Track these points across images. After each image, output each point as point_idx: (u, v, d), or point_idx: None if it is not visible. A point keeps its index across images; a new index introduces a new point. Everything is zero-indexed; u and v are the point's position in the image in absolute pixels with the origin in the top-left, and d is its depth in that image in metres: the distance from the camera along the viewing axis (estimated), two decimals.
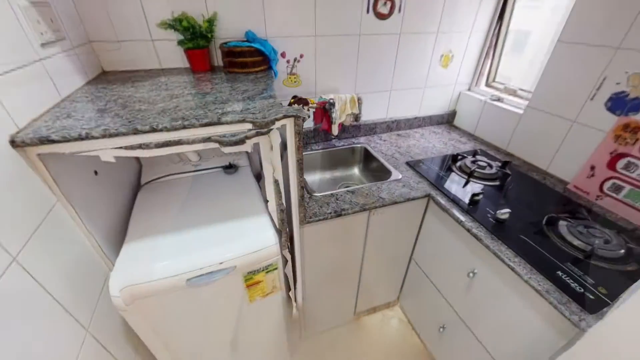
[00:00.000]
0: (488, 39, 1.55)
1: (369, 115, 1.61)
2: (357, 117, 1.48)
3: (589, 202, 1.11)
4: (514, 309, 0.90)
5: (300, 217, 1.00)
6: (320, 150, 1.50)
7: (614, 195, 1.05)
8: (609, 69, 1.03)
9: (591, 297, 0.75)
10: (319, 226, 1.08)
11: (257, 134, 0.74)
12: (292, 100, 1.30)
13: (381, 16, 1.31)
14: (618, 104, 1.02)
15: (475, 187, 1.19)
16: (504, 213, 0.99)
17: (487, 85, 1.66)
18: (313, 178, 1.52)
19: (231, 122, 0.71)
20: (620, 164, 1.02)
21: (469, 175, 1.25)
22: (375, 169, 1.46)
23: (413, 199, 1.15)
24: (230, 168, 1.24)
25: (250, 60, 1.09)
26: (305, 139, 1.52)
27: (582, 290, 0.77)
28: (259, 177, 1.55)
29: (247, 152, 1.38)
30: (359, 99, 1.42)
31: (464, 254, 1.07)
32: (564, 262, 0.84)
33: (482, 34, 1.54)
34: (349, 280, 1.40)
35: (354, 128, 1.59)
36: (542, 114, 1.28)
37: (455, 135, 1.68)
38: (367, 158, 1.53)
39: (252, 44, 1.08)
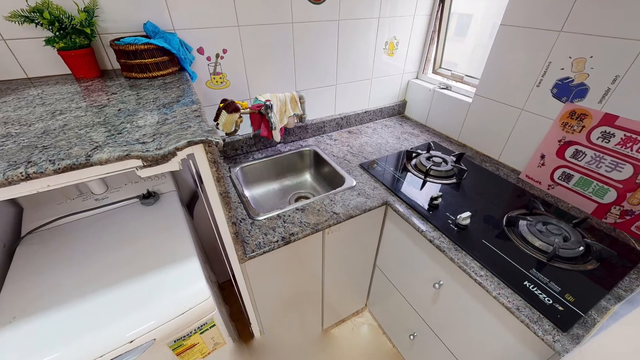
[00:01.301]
0: (431, 23, 1.46)
1: (315, 114, 1.44)
2: (301, 118, 1.30)
3: (542, 192, 1.10)
4: (485, 324, 0.83)
5: (238, 255, 0.82)
6: (265, 159, 1.31)
7: (564, 184, 1.04)
8: (553, 54, 0.98)
9: (560, 308, 0.70)
10: (265, 258, 0.91)
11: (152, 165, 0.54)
12: (221, 105, 1.08)
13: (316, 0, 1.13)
14: (563, 90, 0.99)
15: (433, 188, 1.11)
16: (465, 218, 0.91)
17: (434, 72, 1.59)
18: (259, 191, 1.33)
19: (108, 162, 0.49)
20: (569, 152, 1.00)
21: (425, 174, 1.16)
22: (327, 175, 1.32)
23: (370, 209, 1.03)
24: (148, 197, 1.00)
25: (151, 61, 0.84)
26: (245, 148, 1.32)
27: (550, 301, 0.71)
28: (191, 203, 1.32)
29: (172, 173, 1.14)
30: (300, 98, 1.25)
31: (428, 264, 0.99)
32: (529, 269, 0.79)
33: (425, 17, 1.45)
34: (312, 300, 1.27)
35: (300, 129, 1.42)
36: (491, 102, 1.23)
37: (408, 127, 1.60)
38: (319, 162, 1.37)
39: (152, 41, 0.83)
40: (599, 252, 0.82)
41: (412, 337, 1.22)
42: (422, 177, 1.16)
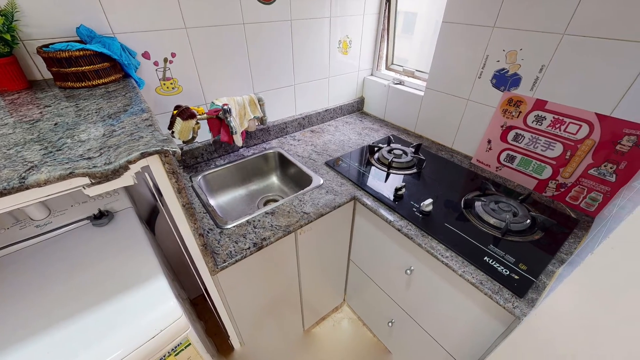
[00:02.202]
0: (380, 21, 1.52)
1: (276, 115, 1.43)
2: (262, 120, 1.28)
3: (492, 174, 1.20)
4: (454, 301, 0.89)
5: (209, 268, 0.78)
6: (228, 165, 1.26)
7: (509, 165, 1.15)
8: (489, 47, 1.08)
9: (516, 277, 0.77)
10: (238, 266, 0.88)
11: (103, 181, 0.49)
12: (174, 112, 1.02)
13: (265, 0, 1.12)
14: (501, 80, 1.09)
15: (397, 179, 1.16)
16: (427, 205, 0.97)
17: (388, 68, 1.66)
18: (226, 199, 1.28)
19: (47, 182, 0.44)
20: (510, 135, 1.11)
21: (388, 167, 1.21)
22: (294, 175, 1.31)
23: (339, 205, 1.05)
24: (101, 217, 0.91)
25: (90, 68, 0.77)
26: (206, 155, 1.26)
27: (507, 272, 0.78)
28: (151, 218, 1.24)
29: (126, 188, 1.05)
30: (259, 100, 1.22)
31: (398, 252, 1.04)
32: (487, 245, 0.86)
33: (374, 16, 1.50)
34: (290, 303, 1.26)
35: (262, 132, 1.39)
36: (440, 95, 1.31)
37: (368, 122, 1.65)
38: (284, 163, 1.36)
39: (88, 46, 0.76)
40: (542, 223, 0.92)
41: (390, 324, 1.26)
42: (386, 169, 1.21)
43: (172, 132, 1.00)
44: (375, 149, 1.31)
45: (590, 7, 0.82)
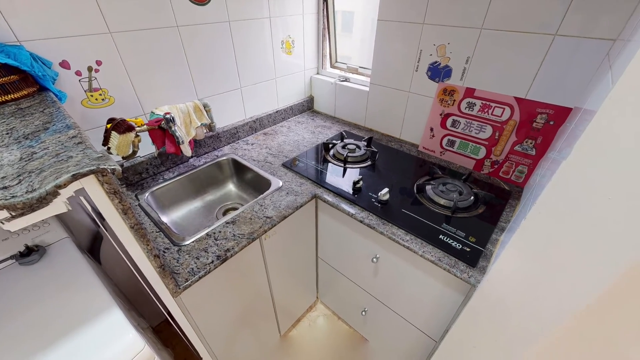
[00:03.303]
0: (320, 20, 1.55)
1: (225, 121, 1.37)
2: (211, 127, 1.22)
3: (437, 159, 1.31)
4: (418, 280, 0.95)
5: (170, 290, 0.72)
6: (178, 178, 1.18)
7: (451, 149, 1.26)
8: (422, 42, 1.17)
9: (467, 249, 0.85)
10: (202, 283, 0.83)
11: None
12: (108, 126, 0.92)
13: (198, 0, 1.06)
14: (435, 72, 1.19)
15: (353, 173, 1.19)
16: (384, 194, 1.01)
17: (332, 66, 1.70)
18: (180, 214, 1.20)
19: None
20: (449, 122, 1.22)
21: (344, 162, 1.24)
22: (252, 181, 1.28)
23: (301, 205, 1.05)
24: (29, 254, 0.79)
25: None
26: (151, 169, 1.16)
27: (460, 246, 0.86)
28: (94, 246, 1.11)
29: (58, 216, 0.93)
30: (205, 106, 1.16)
31: (363, 242, 1.07)
32: (440, 224, 0.94)
33: (314, 16, 1.52)
34: (263, 310, 1.23)
35: (212, 139, 1.33)
36: (384, 89, 1.39)
37: (319, 121, 1.67)
38: (240, 169, 1.32)
39: None
40: (483, 198, 1.03)
41: (363, 313, 1.31)
42: (342, 165, 1.24)
43: (109, 148, 0.90)
44: (330, 145, 1.34)
45: (499, 4, 0.94)
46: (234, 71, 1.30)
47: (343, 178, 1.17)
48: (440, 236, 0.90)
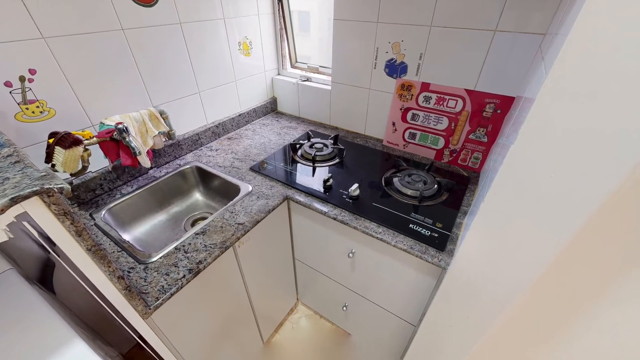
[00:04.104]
0: (276, 21, 1.54)
1: (185, 127, 1.31)
2: (170, 135, 1.16)
3: (401, 152, 1.36)
4: (393, 270, 0.99)
5: (139, 312, 0.68)
6: (138, 191, 1.10)
7: (413, 141, 1.32)
8: (377, 41, 1.21)
9: (436, 235, 0.90)
10: (175, 300, 0.79)
11: None
12: (50, 141, 0.84)
13: (143, 1, 1.00)
14: (392, 69, 1.24)
15: (323, 171, 1.21)
16: (354, 190, 1.04)
17: (293, 66, 1.70)
18: (144, 229, 1.12)
19: None
20: (409, 116, 1.28)
21: (313, 161, 1.25)
22: (219, 188, 1.23)
23: (273, 208, 1.04)
24: None
25: None
26: (106, 185, 1.07)
27: (429, 233, 0.91)
28: (45, 276, 1.00)
29: None
30: (161, 113, 1.10)
31: (338, 239, 1.09)
32: (409, 214, 0.98)
33: (270, 16, 1.51)
34: (243, 319, 1.19)
35: (173, 147, 1.26)
36: (345, 87, 1.41)
37: (285, 122, 1.66)
38: (205, 177, 1.26)
39: None
40: (445, 185, 1.09)
41: (344, 308, 1.33)
42: (311, 164, 1.24)
43: (53, 165, 0.82)
44: (297, 146, 1.34)
45: (445, 3, 1.00)
46: (190, 75, 1.24)
47: (313, 177, 1.17)
48: (410, 225, 0.94)
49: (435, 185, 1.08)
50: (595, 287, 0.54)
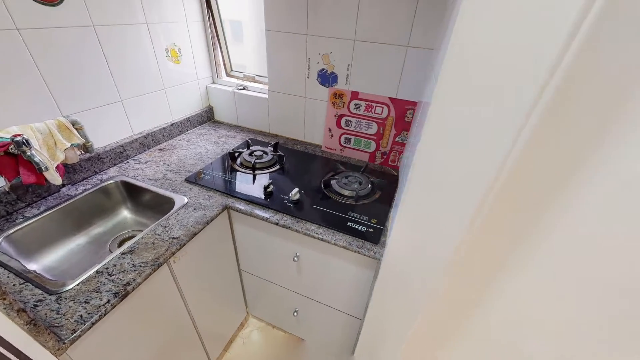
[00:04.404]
0: (207, 29, 1.51)
1: (106, 139, 1.19)
2: (87, 147, 1.04)
3: (339, 156, 1.44)
4: (336, 267, 1.04)
5: (51, 349, 0.59)
6: (47, 213, 0.96)
7: (348, 145, 1.41)
8: (308, 52, 1.27)
9: (371, 230, 0.98)
10: (98, 330, 0.71)
11: None
12: None
13: (45, 0, 0.89)
14: (324, 78, 1.31)
15: (263, 178, 1.21)
16: (295, 194, 1.06)
17: (229, 75, 1.67)
18: (56, 256, 0.97)
19: None
20: (343, 122, 1.36)
21: (253, 169, 1.24)
22: (151, 203, 1.14)
23: (212, 219, 1.00)
24: None
25: None
26: (5, 207, 0.91)
27: (365, 229, 0.98)
28: None
29: None
30: (74, 123, 0.98)
31: (282, 244, 1.10)
32: (347, 213, 1.04)
33: (199, 24, 1.47)
34: (186, 342, 1.11)
35: (92, 161, 1.13)
36: (282, 95, 1.45)
37: (223, 131, 1.62)
38: (134, 192, 1.16)
39: None
40: (378, 184, 1.19)
41: (295, 314, 1.33)
42: (251, 172, 1.24)
43: None
44: (236, 154, 1.32)
45: (365, 21, 1.11)
46: (110, 82, 1.14)
47: (253, 185, 1.17)
48: (348, 223, 1.00)
49: (369, 185, 1.17)
50: (500, 260, 0.65)
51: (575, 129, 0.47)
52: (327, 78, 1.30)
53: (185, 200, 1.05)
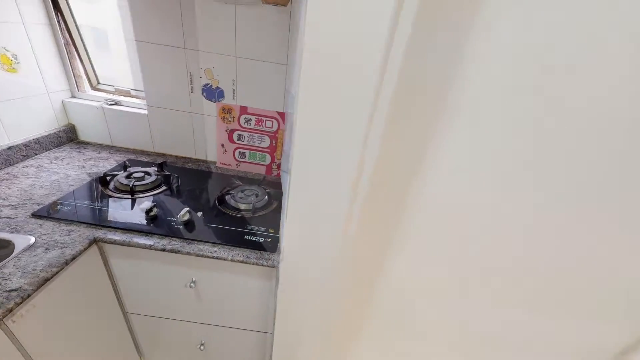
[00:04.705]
0: (59, 34, 1.27)
1: None
2: None
3: (235, 171, 1.41)
4: (237, 285, 1.00)
5: None
6: None
7: (244, 160, 1.40)
8: (189, 66, 1.23)
9: (269, 240, 0.99)
10: None
11: None
12: None
13: None
14: (209, 93, 1.28)
15: (145, 202, 1.07)
16: (184, 214, 0.99)
17: (94, 89, 1.44)
18: None
19: None
20: (235, 136, 1.35)
21: (132, 192, 1.09)
22: None
23: (75, 257, 0.83)
24: None
25: None
26: None
27: (262, 239, 0.99)
28: None
29: None
30: None
31: (173, 271, 0.99)
32: (244, 226, 1.03)
33: (46, 27, 1.23)
34: None
35: None
36: (165, 111, 1.34)
37: (92, 152, 1.37)
38: None
39: None
40: (274, 195, 1.22)
41: (202, 347, 1.20)
42: (129, 196, 1.08)
43: None
44: (108, 178, 1.13)
45: (243, 38, 1.15)
46: None
47: (132, 211, 1.02)
48: (245, 236, 0.99)
49: (266, 197, 1.19)
50: (381, 247, 0.75)
51: (412, 125, 0.61)
52: (213, 93, 1.27)
53: (32, 239, 0.84)
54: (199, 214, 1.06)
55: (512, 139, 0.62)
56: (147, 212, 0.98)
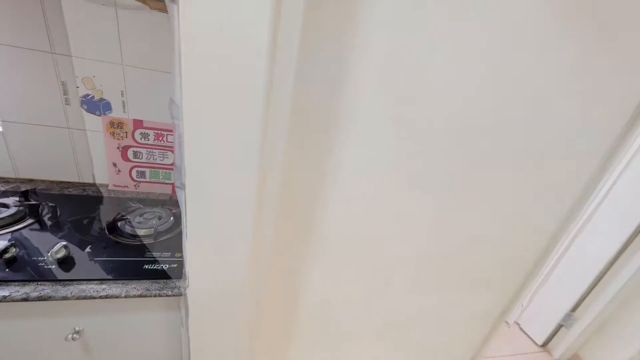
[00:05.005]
0: None
1: None
2: None
3: (134, 192, 1.24)
4: (140, 323, 0.86)
5: None
6: None
7: (144, 179, 1.24)
8: (62, 74, 1.03)
9: (175, 265, 0.89)
10: None
11: None
12: None
13: None
14: (92, 105, 1.10)
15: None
16: (58, 250, 0.81)
17: None
18: None
19: None
20: (130, 154, 1.19)
21: None
22: None
23: None
24: None
25: None
26: None
27: (167, 266, 0.88)
28: None
29: None
30: None
31: (48, 324, 0.80)
32: (144, 255, 0.90)
33: None
34: None
35: None
36: (29, 127, 1.09)
37: None
38: None
39: None
40: (180, 215, 1.11)
41: None
42: None
43: None
44: None
45: (130, 45, 1.03)
46: None
47: None
48: (145, 265, 0.86)
49: (171, 218, 1.07)
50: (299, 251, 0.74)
51: (311, 134, 0.62)
52: (96, 105, 1.10)
53: None
54: (88, 248, 0.88)
55: (390, 147, 0.71)
56: (1, 254, 0.77)
